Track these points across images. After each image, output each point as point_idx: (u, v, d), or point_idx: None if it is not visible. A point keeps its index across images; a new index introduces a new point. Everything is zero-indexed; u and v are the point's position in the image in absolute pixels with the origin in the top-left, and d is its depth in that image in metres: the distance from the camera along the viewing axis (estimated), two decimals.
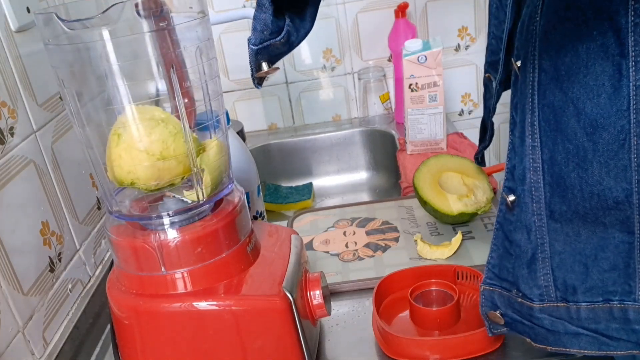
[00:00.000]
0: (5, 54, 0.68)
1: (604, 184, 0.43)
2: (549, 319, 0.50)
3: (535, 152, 0.47)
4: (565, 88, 0.44)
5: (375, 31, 1.28)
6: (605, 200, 0.44)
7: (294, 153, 1.31)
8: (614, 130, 0.42)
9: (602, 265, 0.46)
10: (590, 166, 0.44)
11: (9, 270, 0.63)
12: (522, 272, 0.50)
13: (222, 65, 1.31)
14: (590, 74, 0.42)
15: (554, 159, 0.46)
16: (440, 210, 0.82)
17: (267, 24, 0.43)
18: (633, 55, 0.40)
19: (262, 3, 0.42)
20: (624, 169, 0.42)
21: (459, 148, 1.11)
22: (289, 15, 0.44)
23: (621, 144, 0.42)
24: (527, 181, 0.48)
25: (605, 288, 0.46)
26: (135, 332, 0.57)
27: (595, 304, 0.47)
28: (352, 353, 0.64)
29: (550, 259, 0.48)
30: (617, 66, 0.41)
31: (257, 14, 0.43)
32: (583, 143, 0.43)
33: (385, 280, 0.69)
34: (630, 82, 0.40)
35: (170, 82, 0.53)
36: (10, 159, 0.66)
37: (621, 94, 0.41)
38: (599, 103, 0.42)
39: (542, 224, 0.48)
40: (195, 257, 0.54)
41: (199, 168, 0.55)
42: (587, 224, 0.46)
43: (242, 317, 0.54)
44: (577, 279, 0.47)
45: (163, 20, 0.52)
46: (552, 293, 0.49)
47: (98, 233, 0.85)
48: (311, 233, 0.88)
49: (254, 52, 0.45)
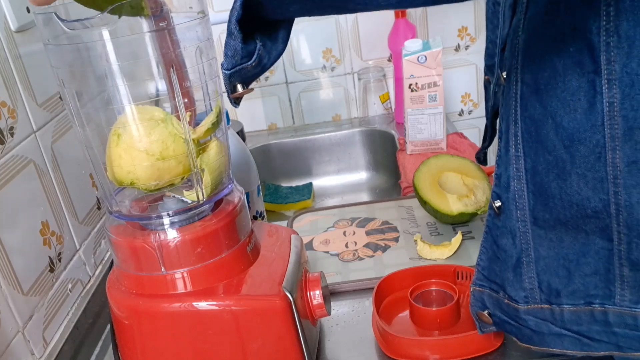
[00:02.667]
0: (5, 54, 0.68)
1: (582, 194, 0.45)
2: (533, 320, 0.51)
3: (518, 161, 0.48)
4: (544, 101, 0.45)
5: (375, 31, 1.28)
6: (585, 210, 0.45)
7: (294, 153, 1.31)
8: (589, 144, 0.43)
9: (584, 270, 0.47)
10: (569, 177, 0.45)
11: (9, 270, 0.63)
12: (508, 275, 0.52)
13: None
14: (567, 89, 0.43)
15: (535, 169, 0.47)
16: (440, 210, 0.82)
17: (237, 50, 0.44)
18: (605, 73, 0.41)
19: (231, 31, 0.43)
20: (600, 180, 0.43)
21: (459, 148, 1.11)
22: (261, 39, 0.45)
23: (597, 157, 0.43)
24: (511, 189, 0.49)
25: (587, 292, 0.48)
26: (135, 332, 0.57)
27: (577, 307, 0.48)
28: (352, 353, 0.64)
29: (535, 263, 0.50)
30: (591, 83, 0.42)
31: (227, 40, 0.44)
32: (562, 155, 0.45)
33: (385, 280, 0.69)
34: (603, 99, 0.41)
35: (170, 82, 0.53)
36: (10, 159, 0.66)
37: (595, 110, 0.42)
38: (575, 118, 0.43)
39: (527, 229, 0.49)
40: (195, 257, 0.54)
41: (198, 168, 0.55)
42: (569, 230, 0.47)
43: (242, 317, 0.54)
44: (560, 283, 0.49)
45: (163, 20, 0.52)
46: (536, 296, 0.50)
47: (98, 233, 0.85)
48: (311, 233, 0.88)
49: (227, 76, 0.46)
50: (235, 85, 0.47)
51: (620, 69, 0.40)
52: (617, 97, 0.41)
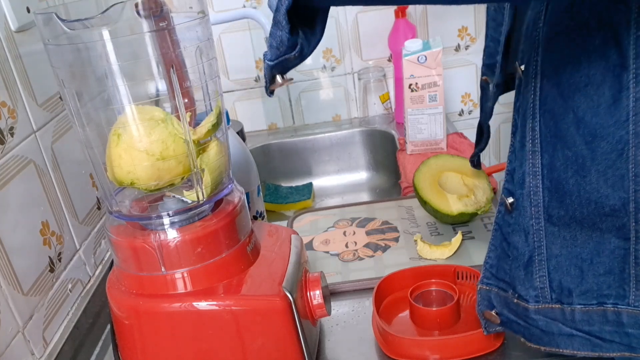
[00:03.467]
0: (5, 54, 0.68)
1: (601, 191, 0.44)
2: (543, 320, 0.50)
3: (535, 157, 0.47)
4: (565, 96, 0.44)
5: (375, 31, 1.28)
6: (602, 208, 0.44)
7: (294, 153, 1.31)
8: (612, 140, 0.42)
9: (597, 270, 0.47)
10: (588, 174, 0.44)
11: (9, 270, 0.63)
12: (518, 273, 0.51)
13: (222, 65, 1.31)
14: (591, 83, 0.42)
15: (553, 165, 0.46)
16: (440, 210, 0.82)
17: (284, 40, 0.43)
18: (634, 68, 0.40)
19: (278, 20, 0.42)
20: (621, 177, 0.43)
21: (459, 148, 1.11)
22: (302, 29, 0.45)
23: (619, 153, 0.42)
24: (526, 185, 0.48)
25: (600, 291, 0.47)
26: (135, 332, 0.57)
27: (589, 307, 0.48)
28: (352, 353, 0.64)
29: (547, 261, 0.49)
30: (617, 77, 0.41)
31: (273, 30, 0.43)
32: (582, 151, 0.44)
33: (385, 280, 0.69)
34: (630, 94, 0.40)
35: (170, 82, 0.53)
36: (10, 159, 0.66)
37: (621, 105, 0.41)
38: (599, 113, 0.42)
39: (540, 227, 0.48)
40: (195, 257, 0.54)
41: (198, 168, 0.55)
42: (584, 228, 0.46)
43: (242, 317, 0.54)
44: (572, 282, 0.48)
45: (163, 20, 0.52)
46: (547, 295, 0.49)
47: (98, 233, 0.85)
48: (311, 233, 0.88)
49: (270, 67, 0.46)
50: (274, 76, 0.47)
51: None
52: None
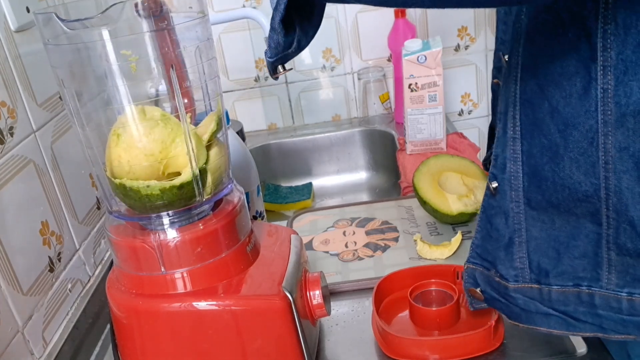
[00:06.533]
0: (5, 54, 0.68)
1: (574, 177, 0.46)
2: (522, 298, 0.52)
3: (515, 143, 0.49)
4: (542, 85, 0.46)
5: (375, 31, 1.28)
6: (576, 193, 0.46)
7: (294, 153, 1.31)
8: (583, 129, 0.44)
9: (573, 253, 0.49)
10: (561, 161, 0.46)
11: (9, 270, 0.63)
12: (499, 253, 0.53)
13: (222, 65, 1.31)
14: (564, 74, 0.44)
15: (531, 152, 0.48)
16: (440, 210, 0.82)
17: (280, 42, 0.47)
18: (601, 60, 0.42)
19: (274, 27, 0.46)
20: (592, 165, 0.44)
21: (459, 148, 1.11)
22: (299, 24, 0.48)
23: (590, 142, 0.44)
24: (507, 170, 0.50)
25: (576, 274, 0.49)
26: (134, 332, 0.57)
27: (565, 288, 0.50)
28: (352, 353, 0.64)
29: (526, 243, 0.51)
30: (587, 69, 0.43)
31: (270, 34, 0.47)
32: (556, 139, 0.46)
33: (385, 280, 0.69)
34: (598, 85, 0.42)
35: (170, 82, 0.53)
36: (10, 159, 0.66)
37: (590, 96, 0.43)
38: (571, 103, 0.44)
39: (520, 210, 0.50)
40: (195, 257, 0.54)
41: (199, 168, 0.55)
42: (560, 213, 0.48)
43: (242, 317, 0.54)
44: (550, 264, 0.50)
45: (163, 20, 0.52)
46: (526, 275, 0.52)
47: (98, 233, 0.85)
48: (311, 233, 0.88)
49: (271, 63, 0.51)
50: (276, 67, 0.52)
51: (615, 55, 0.41)
52: (611, 84, 0.42)
